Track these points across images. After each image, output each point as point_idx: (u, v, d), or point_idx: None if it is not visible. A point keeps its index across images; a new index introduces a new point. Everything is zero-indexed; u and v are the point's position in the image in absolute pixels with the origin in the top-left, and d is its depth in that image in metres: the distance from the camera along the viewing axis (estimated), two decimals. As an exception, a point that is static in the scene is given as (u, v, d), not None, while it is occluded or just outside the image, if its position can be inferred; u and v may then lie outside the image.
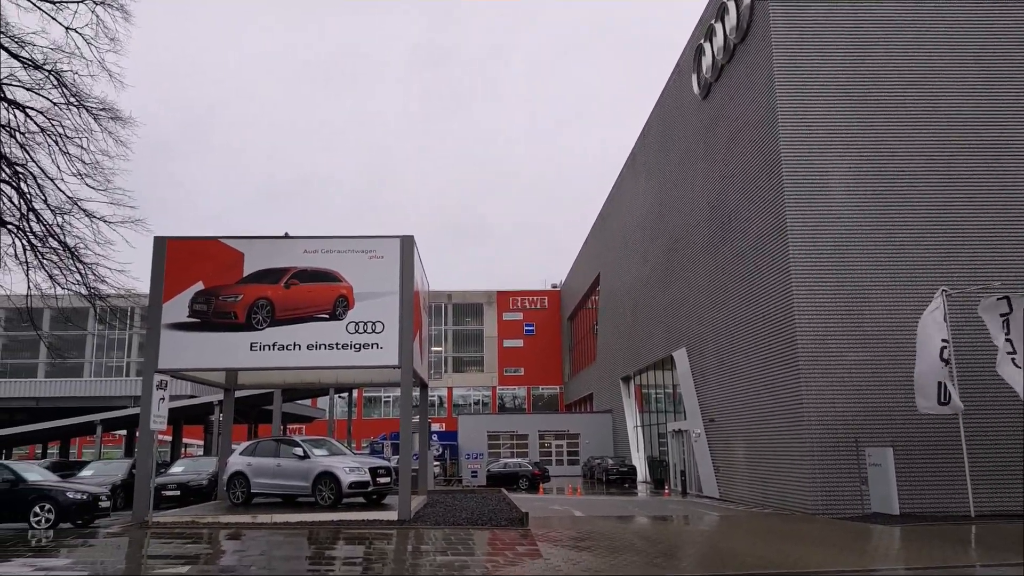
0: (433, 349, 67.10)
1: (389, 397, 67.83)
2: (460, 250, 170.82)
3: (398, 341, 17.02)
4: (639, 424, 40.92)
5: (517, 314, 71.53)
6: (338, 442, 21.85)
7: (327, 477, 17.56)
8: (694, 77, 28.79)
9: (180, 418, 41.05)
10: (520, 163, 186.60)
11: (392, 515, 16.23)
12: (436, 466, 37.41)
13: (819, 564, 11.78)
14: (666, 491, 30.57)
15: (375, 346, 17.02)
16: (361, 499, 18.34)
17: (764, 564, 11.79)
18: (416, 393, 22.88)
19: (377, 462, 19.46)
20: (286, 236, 18.72)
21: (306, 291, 17.36)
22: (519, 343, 70.86)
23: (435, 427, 51.41)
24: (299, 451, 18.26)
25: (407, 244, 17.73)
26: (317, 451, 18.53)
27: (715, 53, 26.36)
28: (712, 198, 27.12)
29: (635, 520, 19.37)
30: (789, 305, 20.54)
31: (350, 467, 17.84)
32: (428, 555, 12.27)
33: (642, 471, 38.91)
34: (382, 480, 18.18)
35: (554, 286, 73.82)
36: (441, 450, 42.45)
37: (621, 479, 35.93)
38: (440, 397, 69.67)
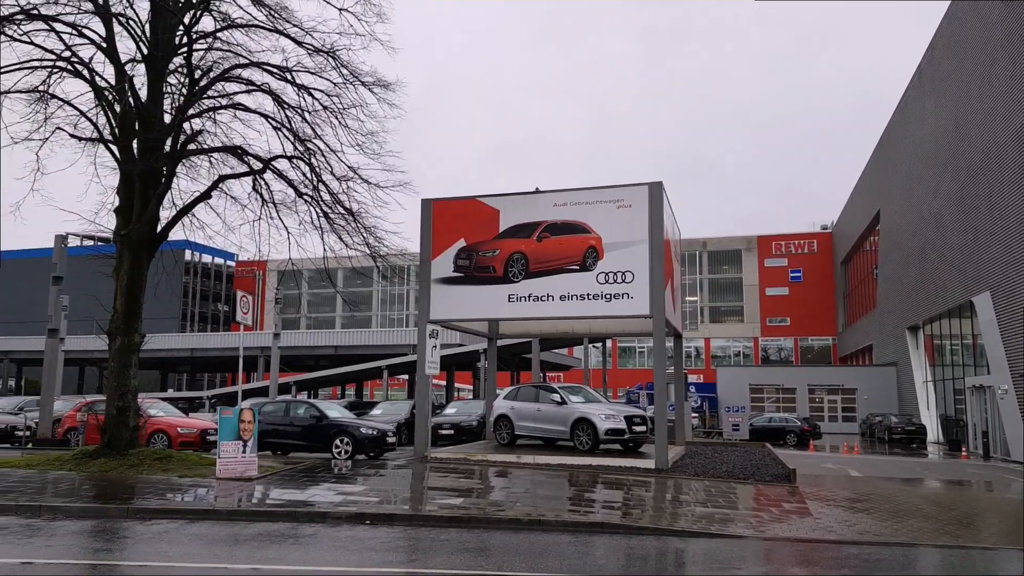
0: (688, 299, 65.61)
1: (643, 347, 67.85)
2: (695, 195, 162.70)
3: (649, 290, 16.67)
4: (929, 379, 36.48)
5: (781, 260, 66.86)
6: (594, 390, 22.28)
7: (584, 423, 17.98)
8: (998, -33, 23.98)
9: (452, 365, 45.07)
10: (756, 99, 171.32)
11: (649, 463, 16.15)
12: (694, 418, 36.74)
13: None
14: (963, 453, 27.08)
15: (626, 296, 16.87)
16: (617, 446, 18.54)
17: (1101, 547, 9.71)
18: (670, 343, 22.42)
19: (632, 411, 19.51)
20: (536, 191, 19.18)
21: (557, 244, 17.69)
22: (784, 291, 66.36)
23: (692, 379, 50.39)
24: (556, 397, 18.90)
25: (655, 191, 17.18)
26: (573, 398, 19.03)
27: (1027, -68, 21.64)
28: (1021, 116, 22.59)
29: (924, 484, 17.25)
30: None
31: (606, 414, 18.10)
32: (687, 505, 12.00)
33: (933, 431, 34.98)
34: (637, 428, 18.19)
35: (824, 227, 67.68)
36: (699, 402, 41.58)
37: (907, 439, 33.02)
38: (697, 348, 68.07)
